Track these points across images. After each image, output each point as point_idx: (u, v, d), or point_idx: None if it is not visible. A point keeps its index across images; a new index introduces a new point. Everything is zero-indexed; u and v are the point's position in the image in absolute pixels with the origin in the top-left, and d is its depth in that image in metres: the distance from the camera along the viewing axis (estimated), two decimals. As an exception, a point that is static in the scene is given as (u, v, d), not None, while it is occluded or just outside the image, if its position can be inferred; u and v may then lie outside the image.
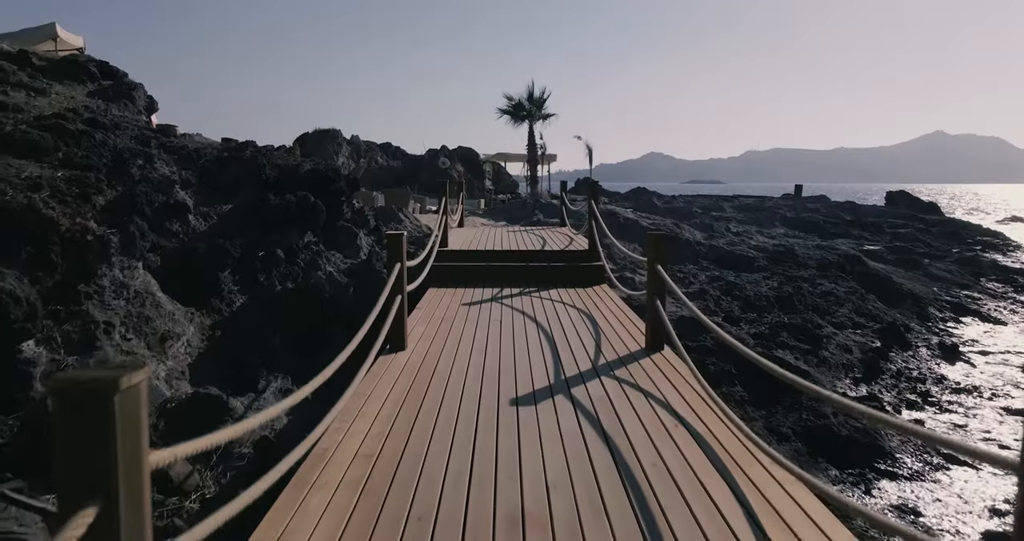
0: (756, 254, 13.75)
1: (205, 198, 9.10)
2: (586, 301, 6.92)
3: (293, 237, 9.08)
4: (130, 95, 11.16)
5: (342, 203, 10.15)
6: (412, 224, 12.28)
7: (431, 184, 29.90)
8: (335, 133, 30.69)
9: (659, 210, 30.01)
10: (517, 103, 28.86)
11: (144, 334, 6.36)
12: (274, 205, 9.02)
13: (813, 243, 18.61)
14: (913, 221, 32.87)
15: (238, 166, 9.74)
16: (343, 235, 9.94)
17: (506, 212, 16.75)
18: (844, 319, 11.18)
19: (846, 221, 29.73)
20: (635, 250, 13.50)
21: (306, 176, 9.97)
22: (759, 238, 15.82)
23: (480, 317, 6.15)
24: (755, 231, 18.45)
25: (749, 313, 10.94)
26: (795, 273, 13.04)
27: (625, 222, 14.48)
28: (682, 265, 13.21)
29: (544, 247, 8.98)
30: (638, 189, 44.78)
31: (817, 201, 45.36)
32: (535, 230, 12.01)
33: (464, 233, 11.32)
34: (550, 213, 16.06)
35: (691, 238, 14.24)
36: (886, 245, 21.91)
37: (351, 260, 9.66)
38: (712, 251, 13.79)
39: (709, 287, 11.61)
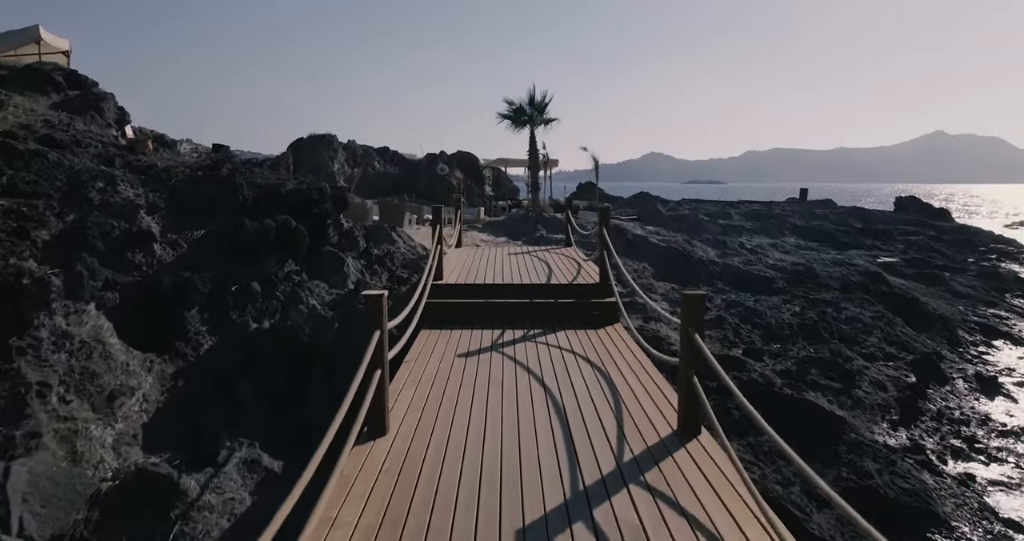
0: (774, 274, 12.87)
1: (174, 223, 8.22)
2: (599, 350, 6.03)
3: (272, 267, 8.20)
4: (98, 107, 10.27)
5: (328, 226, 9.27)
6: (406, 244, 11.39)
7: (430, 191, 29.01)
8: (330, 138, 29.81)
9: (664, 218, 29.15)
10: (518, 108, 27.88)
11: (88, 394, 5.47)
12: (251, 231, 8.13)
13: (829, 256, 17.75)
14: (924, 228, 32.12)
15: (213, 186, 8.86)
16: (328, 261, 9.05)
17: (507, 226, 15.86)
18: (874, 349, 10.30)
19: (857, 229, 28.95)
20: (644, 271, 12.63)
21: (288, 197, 9.08)
22: (775, 254, 14.95)
23: (478, 376, 5.26)
24: (768, 244, 17.57)
25: (772, 344, 10.06)
26: (817, 295, 12.16)
27: (634, 239, 13.59)
28: (696, 286, 12.32)
29: (550, 279, 8.09)
30: (641, 194, 43.87)
31: (824, 206, 44.52)
32: (539, 252, 11.11)
33: (461, 257, 10.43)
34: (553, 228, 15.17)
35: (704, 256, 13.35)
36: (902, 257, 21.04)
37: (337, 290, 8.77)
38: (727, 271, 12.91)
39: (727, 314, 10.73)
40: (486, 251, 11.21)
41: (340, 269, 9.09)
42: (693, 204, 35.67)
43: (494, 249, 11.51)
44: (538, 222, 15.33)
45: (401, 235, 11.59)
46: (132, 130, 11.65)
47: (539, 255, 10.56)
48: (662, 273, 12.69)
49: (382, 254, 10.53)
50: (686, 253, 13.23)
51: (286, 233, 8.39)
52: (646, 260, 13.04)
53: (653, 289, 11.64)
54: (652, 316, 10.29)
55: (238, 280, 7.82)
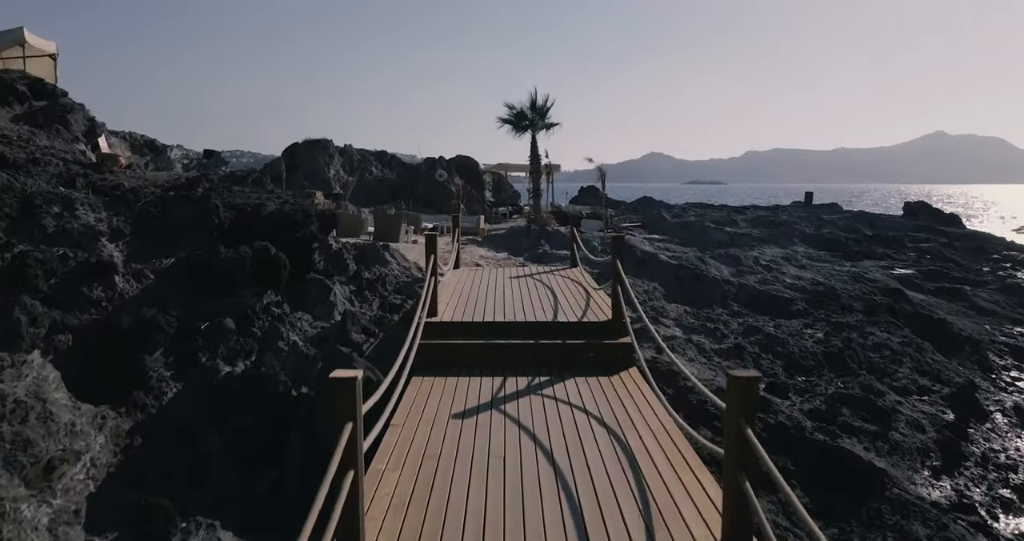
0: (792, 294, 12.07)
1: (140, 252, 7.43)
2: (616, 409, 5.23)
3: (248, 299, 7.41)
4: (64, 119, 9.49)
5: (313, 251, 8.47)
6: (399, 266, 10.59)
7: (428, 197, 28.21)
8: (326, 143, 29.02)
9: (669, 225, 28.37)
10: (519, 112, 27.07)
11: (20, 466, 4.69)
12: (226, 260, 7.34)
13: (844, 269, 16.97)
14: (934, 234, 31.40)
15: (186, 208, 8.08)
16: (313, 290, 8.26)
17: (508, 240, 15.07)
18: (906, 381, 9.51)
19: (867, 236, 28.22)
20: (655, 292, 11.83)
21: (270, 219, 8.29)
22: (791, 270, 14.16)
23: (476, 448, 4.46)
24: (782, 257, 16.78)
25: (797, 376, 9.27)
26: (840, 318, 11.37)
27: (643, 256, 12.78)
28: (710, 308, 11.53)
29: (556, 314, 7.27)
30: (644, 199, 43.08)
31: (830, 210, 43.75)
32: (542, 274, 10.30)
33: (459, 282, 9.62)
34: (557, 243, 14.37)
35: (718, 275, 12.55)
36: (917, 268, 20.26)
37: (322, 323, 7.98)
38: (742, 291, 12.11)
39: (746, 342, 9.93)
40: (486, 273, 10.40)
41: (326, 298, 8.30)
42: (698, 210, 34.89)
43: (494, 271, 10.71)
44: (541, 237, 14.53)
45: (394, 255, 10.80)
46: (107, 143, 10.86)
47: (543, 279, 9.75)
48: (673, 293, 11.89)
49: (373, 278, 9.74)
50: (699, 272, 12.43)
51: (265, 262, 7.59)
52: (657, 279, 12.24)
53: (665, 313, 10.85)
54: (668, 346, 9.49)
55: (210, 316, 7.03)
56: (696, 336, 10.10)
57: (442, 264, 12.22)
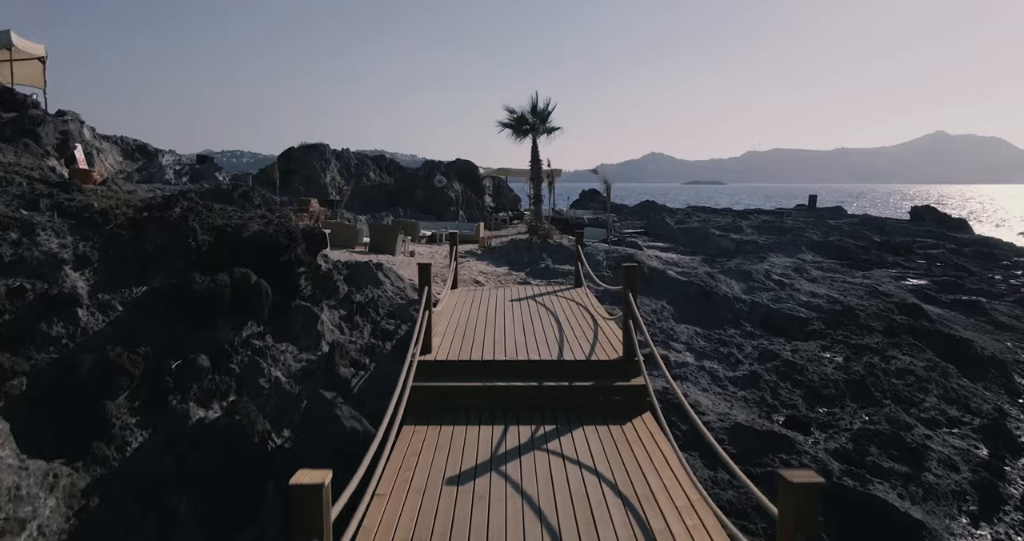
0: (808, 313, 11.46)
1: (109, 280, 6.82)
2: (631, 468, 4.62)
3: (226, 333, 6.80)
4: (33, 132, 8.89)
5: (299, 276, 7.86)
6: (394, 285, 9.98)
7: (427, 204, 27.64)
8: (323, 148, 28.43)
9: (673, 231, 27.76)
10: (520, 116, 26.44)
11: (-51, 546, 4.07)
12: (202, 289, 6.73)
13: (857, 281, 16.37)
14: (943, 240, 30.88)
15: (160, 231, 7.46)
16: (299, 319, 7.65)
17: (509, 254, 14.45)
18: (934, 412, 8.90)
19: (876, 243, 27.66)
20: (664, 311, 11.23)
21: (252, 242, 7.68)
22: (804, 285, 13.53)
23: (472, 529, 3.85)
24: (792, 269, 16.16)
25: (818, 407, 8.67)
26: (859, 340, 10.77)
27: (651, 274, 12.17)
28: (722, 329, 10.92)
29: (561, 349, 6.63)
30: (647, 203, 42.52)
31: (835, 214, 43.18)
32: (545, 296, 9.67)
33: (455, 308, 9.00)
34: (559, 257, 13.75)
35: (729, 293, 11.93)
36: (931, 279, 19.65)
37: (308, 355, 7.38)
38: (755, 310, 11.50)
39: (762, 368, 9.32)
40: (485, 295, 9.77)
41: (313, 327, 7.69)
42: (702, 215, 34.26)
43: (494, 292, 10.07)
44: (543, 251, 13.91)
45: (388, 274, 10.18)
46: (83, 154, 10.25)
47: (546, 303, 9.13)
48: (683, 313, 11.29)
49: (365, 301, 9.13)
50: (709, 289, 11.81)
51: (245, 290, 6.98)
52: (665, 297, 11.63)
53: (675, 336, 10.24)
54: (679, 374, 8.90)
55: (183, 352, 6.42)
56: (709, 362, 9.49)
57: (440, 282, 11.62)
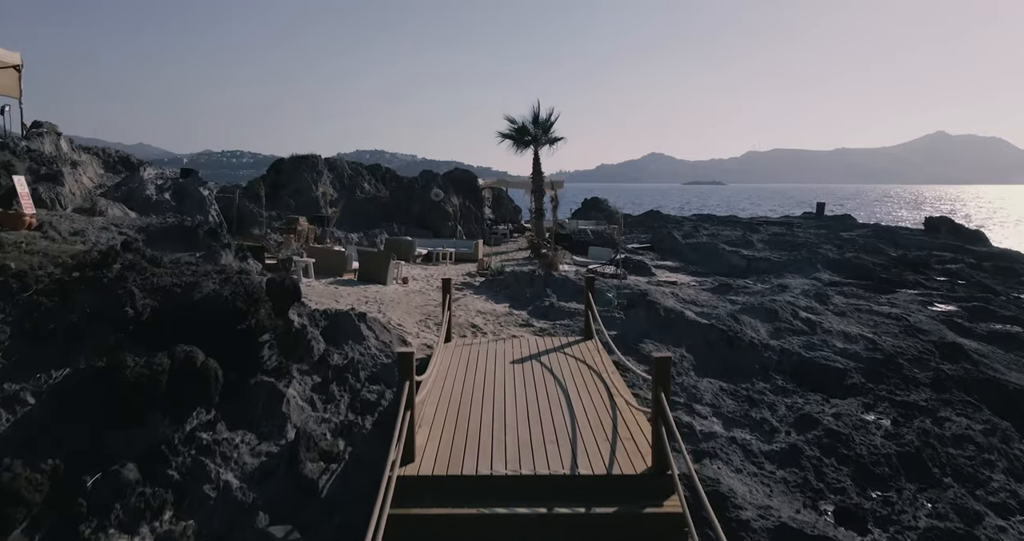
0: (845, 363, 10.22)
1: (22, 364, 5.58)
2: None
3: (164, 429, 5.56)
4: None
5: (262, 346, 6.62)
6: (378, 339, 8.72)
7: (423, 217, 26.36)
8: (314, 160, 27.18)
9: (681, 247, 26.50)
10: (521, 127, 25.23)
11: None
12: (133, 375, 5.49)
13: (884, 310, 15.12)
14: (960, 253, 29.72)
15: (92, 295, 6.23)
16: (259, 400, 6.41)
17: (510, 288, 13.19)
18: (1004, 494, 7.66)
19: (893, 258, 26.49)
20: (683, 360, 9.98)
21: (204, 307, 6.44)
22: (834, 322, 12.28)
23: None
24: (815, 299, 14.91)
25: (870, 489, 7.42)
26: (905, 396, 9.53)
27: (667, 315, 10.91)
28: (749, 383, 9.68)
29: (575, 452, 5.37)
30: (652, 213, 41.28)
31: (844, 223, 41.95)
32: (551, 354, 8.40)
33: (446, 376, 7.73)
34: (565, 292, 12.48)
35: (755, 337, 10.69)
36: (960, 304, 18.38)
37: (268, 445, 6.14)
38: (786, 358, 10.26)
39: (801, 440, 8.07)
40: (482, 358, 8.44)
41: (276, 409, 6.44)
42: (710, 228, 33.01)
43: (492, 351, 8.72)
44: (547, 284, 12.66)
45: (373, 326, 8.93)
46: (26, 187, 8.99)
47: (553, 368, 7.86)
48: (705, 363, 10.05)
49: (344, 362, 7.88)
50: (732, 334, 10.57)
51: (189, 374, 5.74)
52: (684, 343, 10.39)
53: (699, 395, 9.00)
54: (708, 450, 7.65)
55: (107, 458, 5.19)
56: (739, 431, 8.25)
57: (432, 326, 10.38)
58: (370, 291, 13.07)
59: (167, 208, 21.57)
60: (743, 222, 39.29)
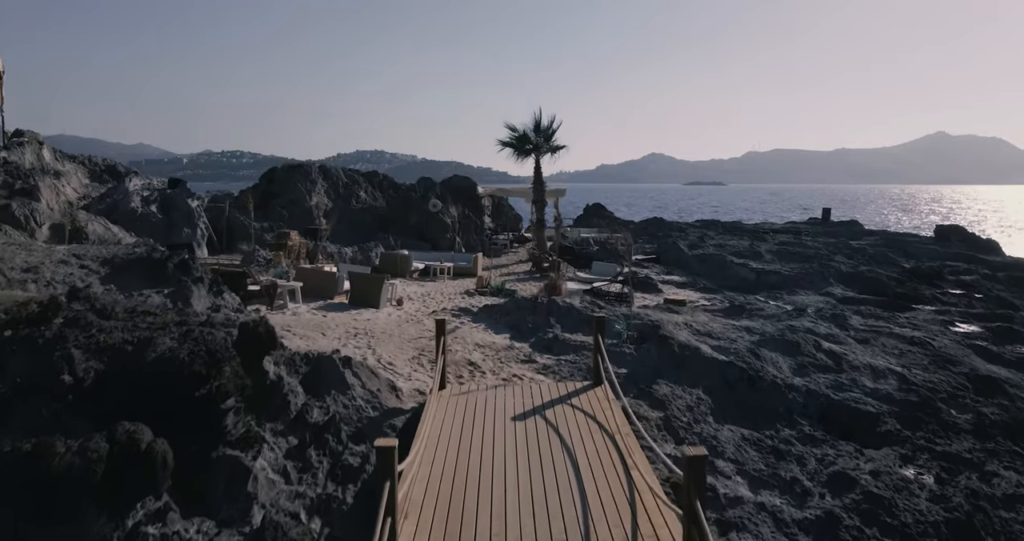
0: (878, 406, 9.34)
1: (-70, 450, 4.69)
2: None
3: (100, 527, 4.68)
4: None
5: (225, 413, 5.74)
6: (365, 389, 7.84)
7: (421, 228, 25.49)
8: (307, 168, 26.31)
9: (687, 259, 25.60)
10: (522, 135, 24.37)
11: None
12: (63, 465, 4.61)
13: (905, 333, 14.24)
14: (974, 263, 28.88)
15: (26, 357, 5.34)
16: (221, 478, 5.53)
17: (510, 314, 12.29)
18: (1068, 570, 6.81)
19: (905, 270, 25.64)
20: (700, 404, 9.10)
21: (156, 369, 5.56)
22: (859, 354, 11.40)
23: None
24: (834, 322, 14.05)
25: (918, 569, 6.57)
26: (945, 445, 8.66)
27: (682, 352, 10.03)
28: (773, 429, 8.80)
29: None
30: (655, 220, 40.39)
31: (851, 229, 41.08)
32: (557, 411, 7.47)
33: (439, 438, 6.83)
34: (569, 323, 11.59)
35: (777, 376, 9.80)
36: (983, 324, 17.50)
37: (230, 534, 5.26)
38: (812, 401, 9.38)
39: (837, 504, 7.20)
40: (479, 410, 7.52)
41: (240, 489, 5.56)
42: (716, 237, 32.11)
43: (491, 401, 7.79)
44: (550, 313, 11.78)
45: (359, 372, 8.05)
46: None
47: (559, 428, 6.96)
48: (724, 407, 9.17)
49: (325, 418, 7.01)
50: (753, 372, 9.69)
51: (132, 457, 4.86)
52: (701, 383, 9.51)
53: (720, 448, 8.12)
54: (734, 519, 6.78)
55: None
56: (768, 494, 7.38)
57: (425, 369, 9.49)
58: (361, 318, 12.20)
59: (153, 221, 20.71)
60: (749, 230, 38.41)
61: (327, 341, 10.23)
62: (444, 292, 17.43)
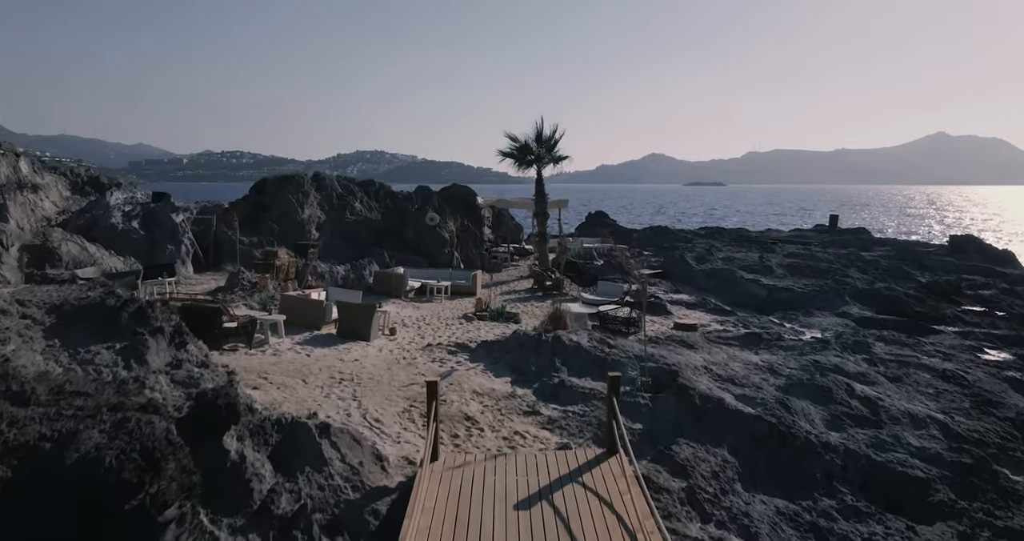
0: (926, 470, 8.28)
1: None
2: None
3: None
4: None
5: (163, 528, 4.68)
6: (344, 463, 6.78)
7: (417, 242, 24.41)
8: (299, 180, 25.24)
9: (695, 274, 24.55)
10: (523, 145, 23.34)
11: None
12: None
13: (938, 366, 13.22)
14: (992, 277, 27.95)
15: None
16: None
17: (512, 352, 11.24)
18: None
19: (922, 285, 24.63)
20: (726, 467, 8.04)
21: (75, 473, 4.51)
22: (895, 399, 10.36)
23: None
24: (865, 363, 13.02)
25: None
26: (1007, 520, 7.61)
27: (703, 405, 8.98)
28: (810, 498, 7.76)
29: None
30: (658, 230, 39.33)
31: (861, 238, 40.04)
32: (567, 494, 6.42)
33: (429, 532, 5.81)
34: (577, 365, 10.50)
35: (811, 432, 8.74)
36: (1013, 352, 16.51)
37: None
38: (852, 462, 8.32)
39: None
40: (476, 492, 6.48)
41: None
42: (723, 249, 31.05)
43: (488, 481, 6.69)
44: (555, 353, 10.73)
45: (338, 441, 6.99)
46: None
47: (572, 520, 5.92)
48: (753, 470, 8.12)
49: (292, 510, 5.95)
50: (784, 428, 8.64)
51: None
52: (726, 442, 8.46)
53: (752, 527, 7.06)
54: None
55: None
56: (814, 591, 6.34)
57: (416, 427, 8.43)
58: (349, 357, 11.14)
59: (134, 238, 19.65)
60: (756, 239, 37.37)
61: (308, 391, 9.18)
62: (441, 316, 16.39)
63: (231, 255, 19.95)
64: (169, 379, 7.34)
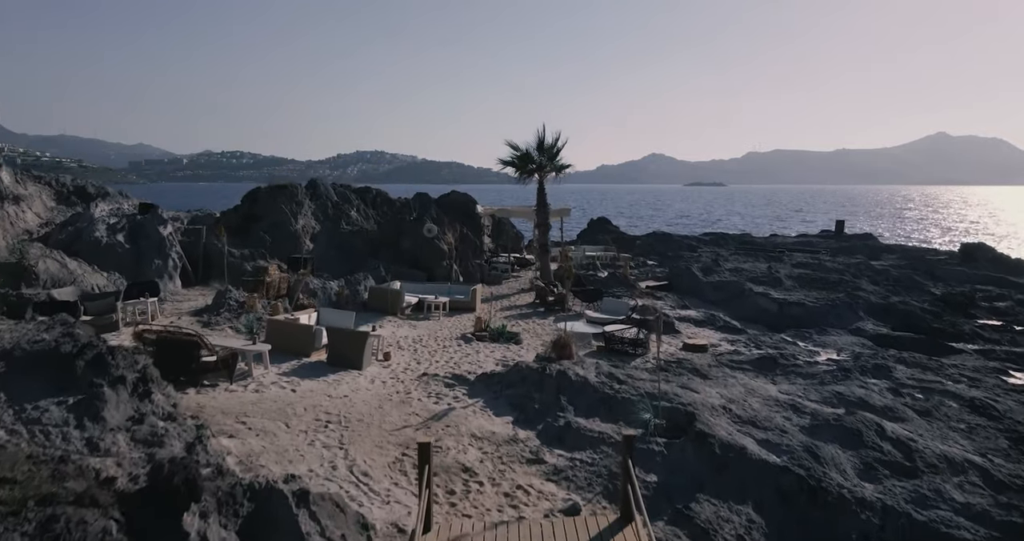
0: (973, 532, 7.47)
1: None
2: None
3: None
4: None
5: None
6: (325, 537, 6.00)
7: (415, 254, 23.59)
8: (293, 189, 24.41)
9: (702, 286, 23.74)
10: (524, 154, 22.55)
11: None
12: None
13: (965, 394, 12.45)
14: (1005, 286, 27.28)
15: None
16: None
17: (514, 386, 10.43)
18: None
19: (936, 298, 23.89)
20: (751, 529, 7.24)
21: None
22: (927, 439, 9.56)
23: None
24: (889, 393, 12.23)
25: None
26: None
27: (723, 455, 8.16)
28: (846, 566, 6.96)
29: None
30: (661, 236, 38.51)
31: (869, 245, 39.24)
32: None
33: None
34: (584, 404, 9.66)
35: (844, 485, 7.92)
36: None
37: None
38: (890, 521, 7.51)
39: None
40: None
41: None
42: (731, 259, 30.21)
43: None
44: (560, 390, 9.91)
45: (319, 511, 6.18)
46: None
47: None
48: (781, 531, 7.32)
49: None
50: (814, 480, 7.84)
51: None
52: (751, 496, 7.66)
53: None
54: None
55: None
56: None
57: (408, 481, 7.62)
58: (337, 393, 10.33)
59: (119, 252, 18.80)
60: (762, 247, 36.53)
61: (290, 438, 8.37)
62: (439, 336, 15.59)
63: (221, 268, 19.14)
64: (129, 437, 6.54)
